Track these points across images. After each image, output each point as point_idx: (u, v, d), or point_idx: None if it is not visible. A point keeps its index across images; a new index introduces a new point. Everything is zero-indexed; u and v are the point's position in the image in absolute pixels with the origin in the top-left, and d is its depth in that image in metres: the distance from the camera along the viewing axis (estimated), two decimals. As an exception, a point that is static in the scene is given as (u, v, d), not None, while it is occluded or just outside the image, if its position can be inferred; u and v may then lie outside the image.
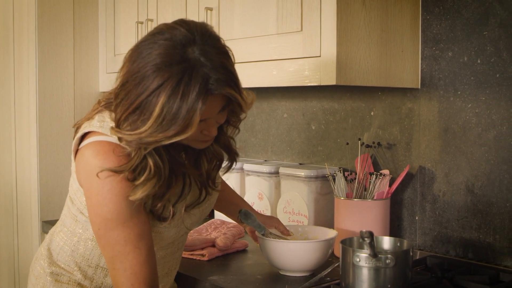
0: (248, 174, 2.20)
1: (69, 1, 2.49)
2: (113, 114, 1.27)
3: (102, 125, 1.29)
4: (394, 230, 1.93)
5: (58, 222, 1.50)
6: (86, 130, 1.31)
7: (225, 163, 1.45)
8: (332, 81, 1.62)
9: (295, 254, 1.61)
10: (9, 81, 2.59)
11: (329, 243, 1.65)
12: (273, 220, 1.75)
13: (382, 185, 1.85)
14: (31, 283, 1.48)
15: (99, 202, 1.26)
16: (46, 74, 2.44)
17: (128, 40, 2.38)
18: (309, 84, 1.67)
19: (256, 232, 1.68)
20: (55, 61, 2.47)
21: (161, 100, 1.14)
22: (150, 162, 1.23)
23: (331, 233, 1.71)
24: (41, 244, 1.53)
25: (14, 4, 2.52)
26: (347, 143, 2.04)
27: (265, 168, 2.13)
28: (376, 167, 1.97)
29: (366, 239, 1.26)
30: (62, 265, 1.43)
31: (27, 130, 2.49)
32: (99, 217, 1.26)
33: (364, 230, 1.25)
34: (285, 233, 1.73)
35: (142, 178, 1.23)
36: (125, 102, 1.19)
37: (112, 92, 1.29)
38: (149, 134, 1.16)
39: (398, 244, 1.49)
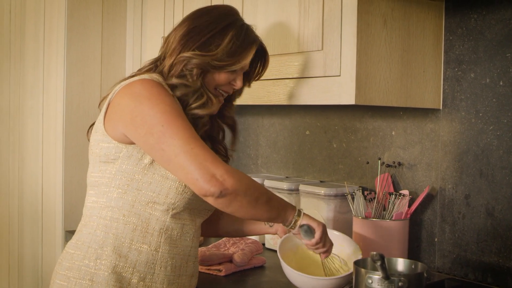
0: (268, 190, 2.21)
1: (98, 18, 2.54)
2: (154, 75, 1.48)
3: (149, 75, 1.47)
4: (413, 251, 1.91)
5: (80, 223, 1.51)
6: (130, 81, 1.44)
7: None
8: (351, 101, 1.62)
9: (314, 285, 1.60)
10: (38, 93, 2.65)
11: (350, 277, 1.61)
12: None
13: (401, 206, 1.83)
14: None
15: (152, 103, 1.37)
16: (73, 87, 2.49)
17: (154, 54, 2.40)
18: (328, 103, 1.67)
19: (279, 246, 1.65)
20: (83, 74, 2.52)
21: (231, 33, 1.50)
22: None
23: (355, 253, 1.67)
24: (63, 252, 1.52)
25: (45, 19, 2.58)
26: (367, 162, 2.03)
27: (285, 185, 2.13)
28: (396, 187, 1.96)
29: (376, 261, 1.25)
30: (94, 254, 1.42)
31: (54, 141, 2.54)
32: (158, 114, 1.36)
33: (374, 253, 1.24)
34: None
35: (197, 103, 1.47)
36: (196, 37, 1.48)
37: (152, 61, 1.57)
38: (218, 57, 1.48)
39: (413, 267, 1.48)
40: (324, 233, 1.55)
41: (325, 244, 1.56)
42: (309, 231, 1.51)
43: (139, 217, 1.43)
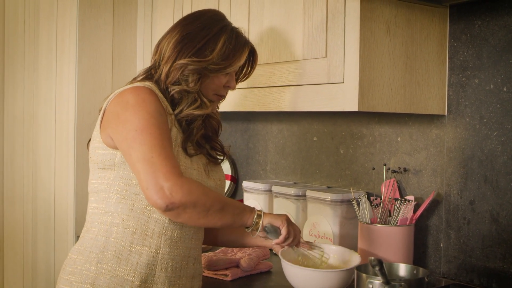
0: (276, 196, 2.23)
1: (108, 27, 2.58)
2: (147, 82, 1.51)
3: (142, 83, 1.51)
4: (419, 256, 1.92)
5: (83, 229, 1.55)
6: (123, 89, 1.49)
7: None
8: (354, 108, 1.64)
9: (316, 282, 1.61)
10: (51, 101, 2.69)
11: (351, 272, 1.63)
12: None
13: (406, 211, 1.84)
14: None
15: (135, 110, 1.41)
16: (84, 95, 2.53)
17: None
18: (332, 110, 1.69)
19: (281, 253, 1.67)
20: (94, 82, 2.56)
21: (223, 37, 1.55)
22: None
23: (354, 259, 1.70)
24: (67, 258, 1.56)
25: (58, 29, 2.63)
26: (373, 168, 2.04)
27: (293, 191, 2.15)
28: (402, 192, 1.96)
29: (375, 266, 1.27)
30: (95, 259, 1.45)
31: (66, 149, 2.58)
32: (136, 121, 1.39)
33: (372, 258, 1.26)
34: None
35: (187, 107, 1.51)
36: (191, 44, 1.52)
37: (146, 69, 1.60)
38: (214, 62, 1.53)
39: (415, 272, 1.49)
40: (289, 226, 1.57)
41: (292, 234, 1.58)
42: (273, 229, 1.53)
43: (138, 221, 1.46)
